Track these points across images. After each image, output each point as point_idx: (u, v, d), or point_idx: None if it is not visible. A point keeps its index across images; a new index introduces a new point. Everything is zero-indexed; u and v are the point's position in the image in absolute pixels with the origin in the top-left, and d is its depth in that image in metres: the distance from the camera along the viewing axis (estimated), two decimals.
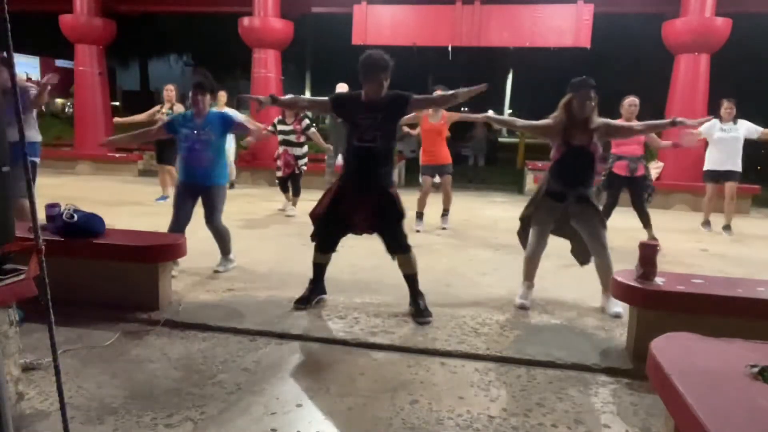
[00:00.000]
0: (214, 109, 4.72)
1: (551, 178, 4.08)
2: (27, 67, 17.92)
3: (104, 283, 3.77)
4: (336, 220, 3.83)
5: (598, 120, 4.01)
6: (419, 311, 3.79)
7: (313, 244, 4.01)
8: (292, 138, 7.35)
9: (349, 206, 3.76)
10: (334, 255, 4.05)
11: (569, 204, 4.00)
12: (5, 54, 1.80)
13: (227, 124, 4.67)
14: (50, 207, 3.94)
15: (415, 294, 3.87)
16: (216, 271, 4.74)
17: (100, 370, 2.92)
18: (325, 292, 4.06)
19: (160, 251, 3.77)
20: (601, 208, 4.36)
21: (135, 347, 3.23)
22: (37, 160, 4.97)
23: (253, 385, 2.82)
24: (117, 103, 22.13)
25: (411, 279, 3.89)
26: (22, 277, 2.28)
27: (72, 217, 3.75)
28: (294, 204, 7.57)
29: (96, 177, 11.07)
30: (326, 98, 3.94)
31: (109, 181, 10.27)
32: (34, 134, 4.88)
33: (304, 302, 3.91)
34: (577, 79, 3.97)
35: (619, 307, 3.90)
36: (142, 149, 12.90)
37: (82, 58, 11.64)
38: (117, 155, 11.88)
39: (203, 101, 4.50)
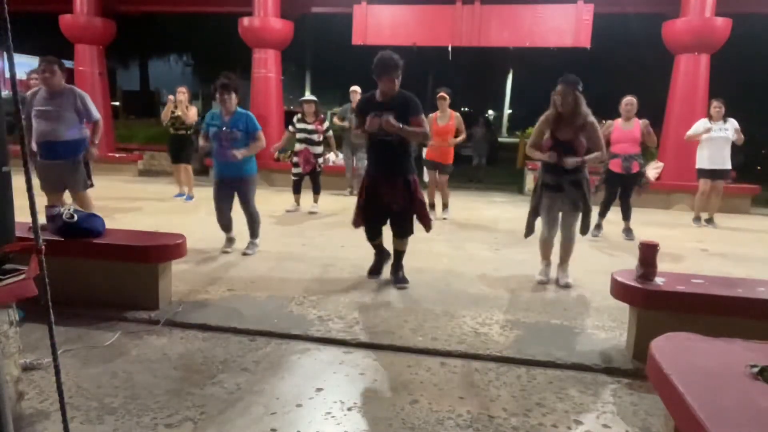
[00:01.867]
0: (240, 109, 5.02)
1: (544, 172, 4.48)
2: (27, 67, 17.90)
3: (104, 283, 3.78)
4: (373, 209, 4.31)
5: (589, 119, 4.16)
6: (399, 279, 4.40)
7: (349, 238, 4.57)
8: (314, 137, 7.46)
9: (381, 193, 4.22)
10: (334, 255, 4.06)
11: (566, 189, 4.37)
12: (5, 54, 1.80)
13: (252, 126, 5.01)
14: (50, 207, 3.94)
15: (398, 265, 4.47)
16: (244, 254, 5.14)
17: (100, 370, 2.92)
18: (389, 256, 4.58)
19: (160, 251, 3.77)
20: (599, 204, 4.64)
21: (135, 347, 3.23)
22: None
23: (253, 385, 2.82)
24: (117, 103, 22.12)
25: (399, 254, 4.46)
26: (22, 277, 2.28)
27: (72, 217, 3.75)
28: (316, 201, 7.74)
29: (96, 177, 10.99)
30: (357, 115, 4.36)
31: (109, 181, 10.25)
32: (86, 130, 5.24)
33: (376, 272, 4.55)
34: (563, 76, 4.25)
35: (570, 278, 4.55)
36: (142, 149, 12.89)
37: (82, 58, 11.62)
38: (117, 155, 11.88)
39: (229, 100, 4.89)
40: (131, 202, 8.07)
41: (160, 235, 4.14)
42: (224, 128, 4.91)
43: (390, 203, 4.22)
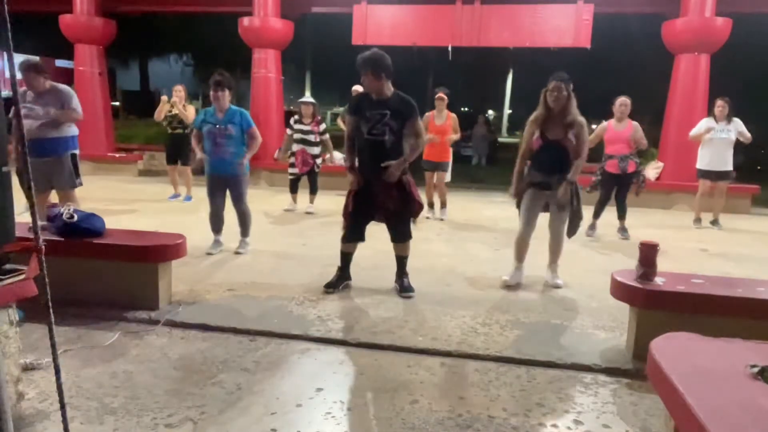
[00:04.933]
0: (234, 106, 5.06)
1: (532, 170, 4.42)
2: None
3: (104, 283, 3.77)
4: (360, 211, 4.16)
5: (578, 118, 4.16)
6: (404, 287, 4.23)
7: (340, 235, 4.31)
8: (311, 138, 7.46)
9: (369, 194, 4.08)
10: (334, 255, 4.05)
11: (554, 189, 4.32)
12: (5, 54, 1.80)
13: (246, 123, 5.06)
14: (50, 207, 3.94)
15: (402, 273, 4.31)
16: (237, 252, 5.17)
17: (100, 370, 2.92)
18: (350, 278, 4.36)
19: (160, 251, 3.77)
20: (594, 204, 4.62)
21: (135, 347, 3.23)
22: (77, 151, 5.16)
23: (253, 385, 2.82)
24: (117, 103, 22.14)
25: (402, 260, 4.31)
26: (22, 277, 2.28)
27: (72, 217, 3.75)
28: (312, 201, 7.72)
29: (96, 177, 11.04)
30: (348, 116, 4.24)
31: (109, 181, 10.26)
32: (75, 129, 5.12)
33: (332, 286, 4.23)
34: (554, 74, 4.21)
35: (560, 279, 4.54)
36: (142, 149, 12.89)
37: (82, 58, 11.61)
38: (117, 155, 11.88)
39: (223, 97, 4.91)
40: (131, 202, 8.07)
41: (160, 235, 4.14)
42: (218, 126, 4.95)
43: (385, 204, 4.07)
